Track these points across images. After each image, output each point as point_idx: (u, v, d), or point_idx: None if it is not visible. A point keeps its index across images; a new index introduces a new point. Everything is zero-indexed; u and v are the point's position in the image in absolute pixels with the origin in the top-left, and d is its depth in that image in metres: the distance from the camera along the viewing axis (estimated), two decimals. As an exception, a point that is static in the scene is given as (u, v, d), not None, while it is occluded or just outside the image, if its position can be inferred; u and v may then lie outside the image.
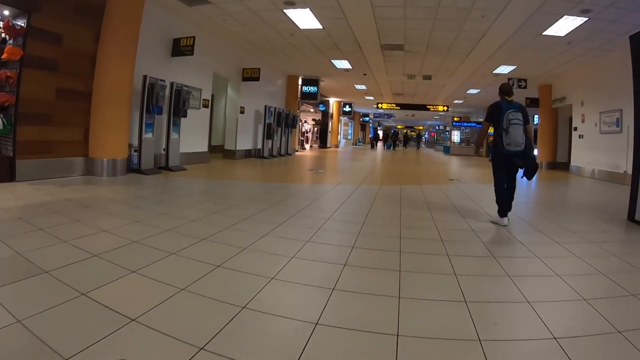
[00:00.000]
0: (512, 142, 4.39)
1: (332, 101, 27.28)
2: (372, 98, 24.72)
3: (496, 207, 4.75)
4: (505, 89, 4.67)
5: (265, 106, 14.33)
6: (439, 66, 13.42)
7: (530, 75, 14.32)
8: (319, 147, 26.91)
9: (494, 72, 13.90)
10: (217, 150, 13.86)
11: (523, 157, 4.48)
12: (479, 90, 18.36)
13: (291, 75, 17.52)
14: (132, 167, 7.93)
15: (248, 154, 14.09)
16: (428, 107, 25.45)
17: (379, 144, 38.02)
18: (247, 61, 13.07)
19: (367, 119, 39.77)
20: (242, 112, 13.27)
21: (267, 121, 14.31)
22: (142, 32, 7.81)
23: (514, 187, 4.75)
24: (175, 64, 9.46)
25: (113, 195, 5.56)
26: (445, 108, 24.91)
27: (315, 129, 28.20)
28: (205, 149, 11.12)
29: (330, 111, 27.15)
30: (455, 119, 29.56)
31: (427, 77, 14.96)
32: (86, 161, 7.21)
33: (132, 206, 4.77)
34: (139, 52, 7.74)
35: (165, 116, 8.92)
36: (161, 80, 8.24)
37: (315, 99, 17.57)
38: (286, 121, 15.88)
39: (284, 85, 17.48)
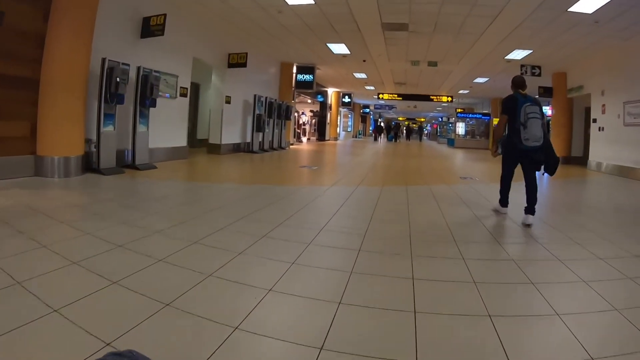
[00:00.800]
0: (530, 137, 4.21)
1: (331, 92, 26.01)
2: (372, 88, 23.45)
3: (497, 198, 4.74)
4: (519, 82, 4.59)
5: (255, 95, 13.10)
6: (447, 50, 12.16)
7: (544, 62, 13.08)
8: (317, 139, 25.69)
9: (506, 57, 12.65)
10: (205, 145, 12.64)
11: (542, 153, 4.32)
12: (487, 79, 17.09)
13: (285, 63, 16.26)
14: (93, 166, 6.77)
15: (236, 148, 12.89)
16: (431, 97, 24.22)
17: (382, 136, 37.53)
18: (234, 46, 11.83)
19: (368, 110, 38.48)
20: (228, 102, 12.06)
21: (257, 112, 13.09)
22: (104, 10, 6.69)
23: (536, 186, 4.42)
24: (146, 47, 8.24)
25: (44, 202, 4.39)
26: (450, 99, 23.68)
27: (313, 120, 26.99)
28: (183, 143, 9.93)
29: (329, 102, 25.89)
30: (459, 110, 28.32)
31: (433, 64, 13.71)
32: (35, 160, 6.09)
33: (57, 220, 3.60)
34: (101, 33, 6.64)
35: (131, 106, 7.72)
36: (124, 64, 7.01)
37: (311, 88, 16.33)
38: (279, 112, 14.66)
39: (277, 74, 16.23)
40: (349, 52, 13.13)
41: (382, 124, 41.11)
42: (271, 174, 8.29)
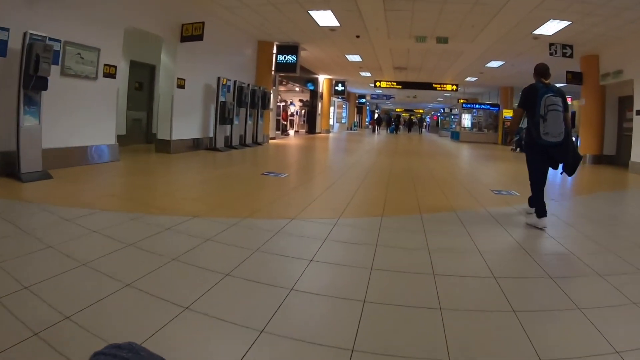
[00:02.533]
0: (550, 131, 3.89)
1: (322, 79, 23.46)
2: (368, 74, 20.92)
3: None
4: (542, 70, 4.18)
5: (219, 79, 10.59)
6: (462, 22, 9.67)
7: (578, 40, 10.66)
8: (306, 132, 23.21)
9: (535, 32, 10.18)
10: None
11: (562, 150, 3.98)
12: (503, 63, 14.60)
13: (263, 42, 13.71)
14: None
15: (196, 144, 10.40)
16: (434, 85, 21.72)
17: (379, 127, 35.92)
18: (192, 15, 9.31)
19: (364, 100, 35.90)
20: (181, 86, 9.54)
21: (221, 99, 10.59)
22: None
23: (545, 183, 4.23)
24: (46, 8, 5.77)
25: None
26: (455, 87, 21.18)
27: (303, 111, 24.47)
28: (111, 140, 7.43)
29: (320, 90, 23.37)
30: (462, 100, 25.82)
31: (443, 40, 11.21)
32: None
33: None
34: None
35: (15, 90, 5.24)
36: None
37: (294, 71, 13.80)
38: (252, 100, 12.16)
39: (253, 55, 13.68)
40: (338, 24, 10.59)
41: (381, 116, 39.45)
42: (201, 189, 5.63)
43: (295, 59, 13.69)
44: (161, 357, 0.67)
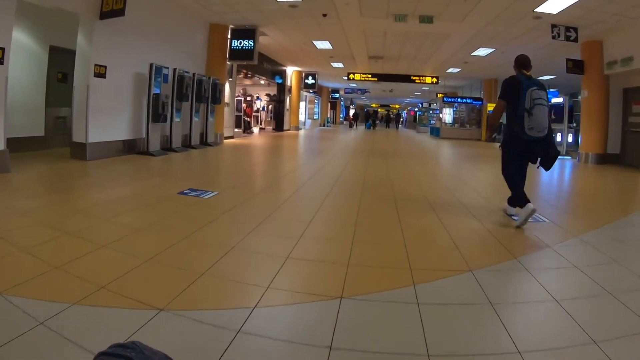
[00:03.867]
0: (536, 125, 3.78)
1: (291, 72, 21.47)
2: (341, 65, 19.03)
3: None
4: (523, 61, 4.06)
5: (152, 65, 8.50)
6: (451, -6, 7.91)
7: (584, 22, 9.12)
8: (273, 129, 21.18)
9: (537, 9, 8.51)
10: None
11: (545, 145, 3.89)
12: (492, 51, 12.96)
13: (216, 25, 11.63)
14: None
15: (127, 147, 8.33)
16: (413, 78, 20.06)
17: (357, 123, 35.77)
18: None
19: (337, 95, 33.98)
20: (100, 74, 7.42)
21: (154, 91, 8.51)
22: None
23: (524, 178, 4.19)
24: None
25: None
26: (435, 80, 19.56)
27: (270, 106, 22.42)
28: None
29: (289, 84, 21.37)
30: (440, 95, 24.24)
31: (426, 19, 9.39)
32: None
33: None
34: None
35: None
36: None
37: (251, 59, 11.76)
38: (198, 92, 10.11)
39: (203, 41, 11.59)
40: (299, -1, 8.68)
41: (357, 111, 38.65)
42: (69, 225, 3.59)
43: (252, 44, 11.66)
44: (165, 354, 0.68)
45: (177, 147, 9.45)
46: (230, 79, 13.20)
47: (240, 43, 11.70)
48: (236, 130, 17.54)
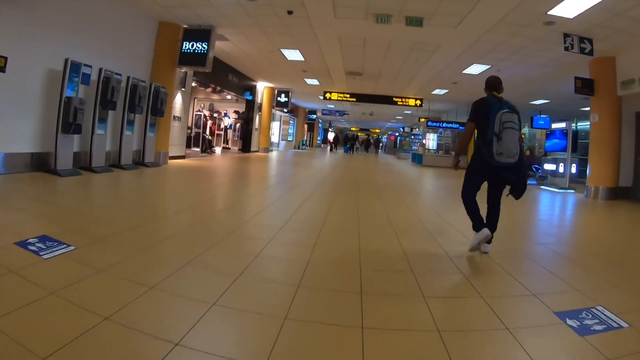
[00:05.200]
0: (505, 151, 3.49)
1: (262, 87, 19.78)
2: (316, 82, 17.43)
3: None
4: (494, 83, 3.81)
5: (67, 61, 6.60)
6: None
7: (601, 33, 7.77)
8: (239, 150, 19.27)
9: (550, 12, 7.01)
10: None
11: (515, 171, 3.60)
12: (487, 68, 11.50)
13: (166, 24, 9.83)
14: None
15: (36, 162, 6.38)
16: (395, 99, 18.60)
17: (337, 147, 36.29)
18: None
19: (314, 116, 32.36)
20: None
21: (67, 94, 6.57)
22: None
23: (499, 210, 3.86)
24: None
25: None
26: (419, 102, 18.12)
27: (238, 124, 20.55)
28: None
29: (259, 101, 19.63)
30: (422, 119, 22.86)
31: (415, 21, 7.77)
32: None
33: None
34: None
35: None
36: None
37: (203, 65, 9.93)
38: (132, 101, 8.19)
39: (149, 41, 9.75)
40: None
41: (337, 135, 38.93)
42: None
43: (206, 47, 9.89)
44: None
45: (98, 167, 7.45)
46: (183, 89, 11.32)
47: (193, 46, 9.91)
48: (195, 149, 15.61)
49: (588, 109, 17.69)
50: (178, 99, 11.16)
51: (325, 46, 10.91)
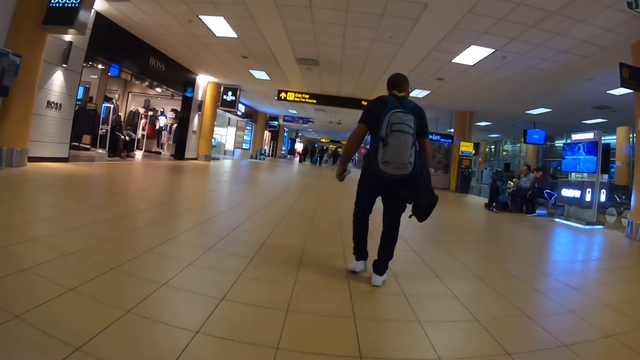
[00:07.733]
0: (391, 159, 2.88)
1: (204, 83, 16.65)
2: (265, 76, 14.40)
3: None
4: (395, 80, 3.17)
5: None
6: None
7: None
8: (171, 156, 15.99)
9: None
10: None
11: (409, 187, 2.95)
12: (490, 53, 8.61)
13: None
14: None
15: None
16: (364, 102, 15.83)
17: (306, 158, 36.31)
18: None
19: (276, 123, 29.22)
20: None
21: None
22: None
23: (396, 235, 3.16)
24: None
25: None
26: (392, 106, 15.30)
27: (175, 126, 17.28)
28: None
29: (200, 98, 16.47)
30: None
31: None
32: None
33: None
34: None
35: None
36: None
37: (71, 24, 6.85)
38: None
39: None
40: None
41: (307, 146, 38.67)
42: None
43: (77, 1, 6.78)
44: None
45: None
46: (65, 66, 8.21)
47: (60, -2, 6.79)
48: (100, 151, 12.26)
49: (593, 121, 15.12)
50: (57, 79, 8.21)
51: (257, 11, 7.91)
